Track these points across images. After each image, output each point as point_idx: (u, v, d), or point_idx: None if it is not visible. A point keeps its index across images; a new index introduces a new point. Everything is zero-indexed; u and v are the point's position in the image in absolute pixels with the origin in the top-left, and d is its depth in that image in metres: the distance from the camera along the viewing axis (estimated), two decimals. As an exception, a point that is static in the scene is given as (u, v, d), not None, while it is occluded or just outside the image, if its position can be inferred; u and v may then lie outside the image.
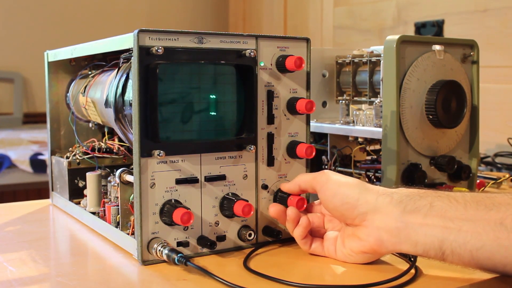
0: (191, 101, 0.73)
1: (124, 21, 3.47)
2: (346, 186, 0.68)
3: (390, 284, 0.62)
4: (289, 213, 0.73)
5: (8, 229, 0.88)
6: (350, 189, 0.67)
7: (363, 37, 2.38)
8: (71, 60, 1.04)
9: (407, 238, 0.62)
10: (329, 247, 0.72)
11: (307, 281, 0.64)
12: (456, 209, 0.60)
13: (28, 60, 3.18)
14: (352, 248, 0.68)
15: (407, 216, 0.62)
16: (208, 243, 0.71)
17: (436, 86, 0.94)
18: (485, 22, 1.80)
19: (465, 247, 0.59)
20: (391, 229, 0.63)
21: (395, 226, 0.63)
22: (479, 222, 0.59)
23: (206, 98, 0.73)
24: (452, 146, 1.00)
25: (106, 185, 0.86)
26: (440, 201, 0.62)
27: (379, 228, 0.64)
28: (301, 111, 0.77)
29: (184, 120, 0.72)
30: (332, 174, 0.71)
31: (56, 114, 1.06)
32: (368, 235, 0.65)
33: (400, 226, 0.63)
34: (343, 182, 0.69)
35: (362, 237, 0.67)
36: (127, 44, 0.71)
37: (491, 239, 0.58)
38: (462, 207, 0.60)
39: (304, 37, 0.79)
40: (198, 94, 0.73)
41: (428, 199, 0.63)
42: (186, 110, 0.72)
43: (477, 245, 0.59)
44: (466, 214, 0.60)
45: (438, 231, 0.61)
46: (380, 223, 0.64)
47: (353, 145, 1.03)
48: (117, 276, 0.68)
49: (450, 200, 0.62)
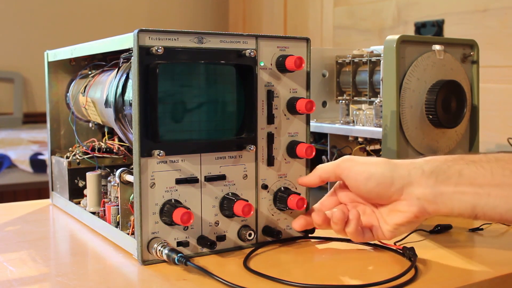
0: (190, 101, 0.73)
1: (124, 21, 3.47)
2: (376, 166, 0.70)
3: (390, 284, 0.62)
4: (337, 215, 0.71)
5: (8, 229, 0.88)
6: (381, 168, 0.70)
7: (363, 37, 2.38)
8: (71, 60, 1.04)
9: (444, 204, 0.67)
10: (377, 231, 0.73)
11: (307, 281, 0.64)
12: (484, 176, 0.65)
13: (28, 60, 3.18)
14: (397, 222, 0.71)
15: (440, 185, 0.67)
16: (208, 243, 0.71)
17: (436, 86, 0.94)
18: (485, 22, 1.80)
19: (494, 211, 0.65)
20: (429, 198, 0.68)
21: (433, 195, 0.67)
22: (506, 187, 0.64)
23: (206, 98, 0.73)
24: (452, 146, 1.00)
25: (106, 185, 0.86)
26: (468, 169, 0.66)
27: (419, 198, 0.68)
28: (301, 111, 0.77)
29: (184, 120, 0.72)
30: (356, 157, 0.73)
31: (56, 114, 1.06)
32: (410, 206, 0.69)
33: (436, 194, 0.67)
34: (372, 163, 0.71)
35: (404, 209, 0.70)
36: (127, 44, 0.71)
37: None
38: (489, 174, 0.65)
39: (304, 37, 0.79)
40: (198, 94, 0.73)
41: (456, 168, 0.67)
42: (186, 110, 0.72)
43: (506, 208, 0.64)
44: (494, 180, 0.65)
45: (470, 197, 0.66)
46: (419, 193, 0.68)
47: (353, 145, 1.03)
48: (117, 276, 0.68)
49: (477, 168, 0.66)
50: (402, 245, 0.74)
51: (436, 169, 0.68)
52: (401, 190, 0.69)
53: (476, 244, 0.81)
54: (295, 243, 0.79)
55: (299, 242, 0.79)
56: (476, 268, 0.69)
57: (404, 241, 0.78)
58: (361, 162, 0.72)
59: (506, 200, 0.64)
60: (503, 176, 0.64)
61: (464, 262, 0.71)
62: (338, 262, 0.71)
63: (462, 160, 0.68)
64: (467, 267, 0.70)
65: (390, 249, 0.75)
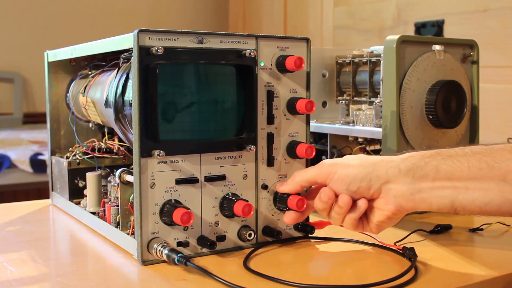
0: (191, 101, 0.73)
1: (124, 21, 3.47)
2: (355, 169, 0.71)
3: (390, 284, 0.62)
4: (343, 199, 0.71)
5: (8, 229, 0.88)
6: (359, 172, 0.70)
7: (363, 37, 2.38)
8: (71, 60, 1.04)
9: (421, 200, 0.68)
10: (365, 226, 0.74)
11: (307, 281, 0.64)
12: (461, 170, 0.65)
13: (28, 60, 3.18)
14: (378, 219, 0.71)
15: (418, 182, 0.68)
16: (208, 243, 0.71)
17: (436, 86, 0.94)
18: (485, 22, 1.80)
19: (474, 204, 0.65)
20: (406, 195, 0.68)
21: (410, 192, 0.68)
22: (483, 180, 0.64)
23: (206, 98, 0.73)
24: (452, 146, 1.00)
25: (106, 185, 0.86)
26: (444, 164, 0.66)
27: (396, 196, 0.69)
28: (301, 111, 0.77)
29: (184, 120, 0.72)
30: (335, 162, 0.73)
31: (56, 114, 1.06)
32: (387, 204, 0.70)
33: (413, 191, 0.68)
34: (351, 165, 0.71)
35: (382, 207, 0.70)
36: (127, 44, 0.71)
37: (497, 195, 0.63)
38: (466, 168, 0.65)
39: (304, 37, 0.79)
40: (198, 94, 0.73)
41: (433, 164, 0.67)
42: (186, 110, 0.72)
43: (484, 201, 0.64)
44: (471, 174, 0.65)
45: (448, 192, 0.66)
46: (395, 192, 0.69)
47: (353, 145, 1.03)
48: (117, 276, 0.68)
49: (454, 162, 0.66)
50: (402, 245, 0.74)
51: (413, 167, 0.68)
52: (379, 189, 0.70)
53: (476, 244, 0.81)
54: (295, 243, 0.79)
55: (299, 242, 0.79)
56: (476, 268, 0.69)
57: (404, 241, 0.78)
58: (342, 165, 0.71)
59: (484, 192, 0.64)
60: (480, 169, 0.64)
61: (464, 262, 0.71)
62: (338, 262, 0.71)
63: (439, 155, 0.68)
64: (467, 267, 0.70)
65: (390, 249, 0.75)
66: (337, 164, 0.72)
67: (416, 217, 0.92)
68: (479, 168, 0.64)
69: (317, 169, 0.73)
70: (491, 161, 0.64)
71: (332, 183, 0.72)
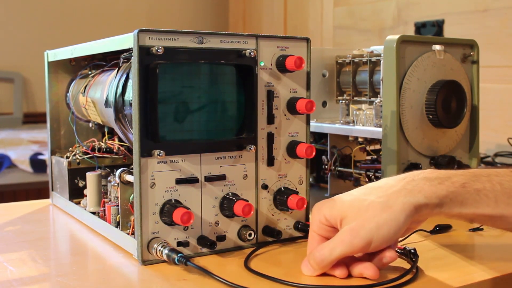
0: (191, 101, 0.73)
1: (124, 21, 3.47)
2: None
3: (390, 284, 0.62)
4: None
5: (8, 229, 0.88)
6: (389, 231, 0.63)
7: (363, 37, 2.38)
8: (71, 60, 1.04)
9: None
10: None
11: (307, 281, 0.64)
12: (488, 205, 0.62)
13: (28, 60, 3.18)
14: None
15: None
16: (208, 243, 0.71)
17: (436, 86, 0.94)
18: (485, 22, 1.80)
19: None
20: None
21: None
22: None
23: (206, 98, 0.73)
24: (452, 146, 1.00)
25: (106, 185, 0.86)
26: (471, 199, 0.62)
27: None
28: (301, 111, 0.77)
29: (184, 120, 0.72)
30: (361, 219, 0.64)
31: (56, 114, 1.06)
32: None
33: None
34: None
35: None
36: (127, 44, 0.71)
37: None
38: (493, 202, 0.62)
39: (304, 37, 0.79)
40: (198, 94, 0.73)
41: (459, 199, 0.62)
42: (186, 110, 0.72)
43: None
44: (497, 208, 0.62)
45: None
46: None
47: (353, 145, 1.03)
48: (117, 276, 0.68)
49: (481, 196, 0.62)
50: (403, 246, 0.74)
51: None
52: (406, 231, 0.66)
53: (476, 244, 0.81)
54: (295, 243, 0.79)
55: (299, 242, 0.79)
56: (476, 268, 0.69)
57: (404, 242, 0.78)
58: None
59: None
60: (509, 204, 0.62)
61: (464, 262, 0.71)
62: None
63: (464, 189, 0.63)
64: (467, 267, 0.70)
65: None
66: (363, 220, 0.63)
67: (416, 217, 0.92)
68: (508, 203, 0.62)
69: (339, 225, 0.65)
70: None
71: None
